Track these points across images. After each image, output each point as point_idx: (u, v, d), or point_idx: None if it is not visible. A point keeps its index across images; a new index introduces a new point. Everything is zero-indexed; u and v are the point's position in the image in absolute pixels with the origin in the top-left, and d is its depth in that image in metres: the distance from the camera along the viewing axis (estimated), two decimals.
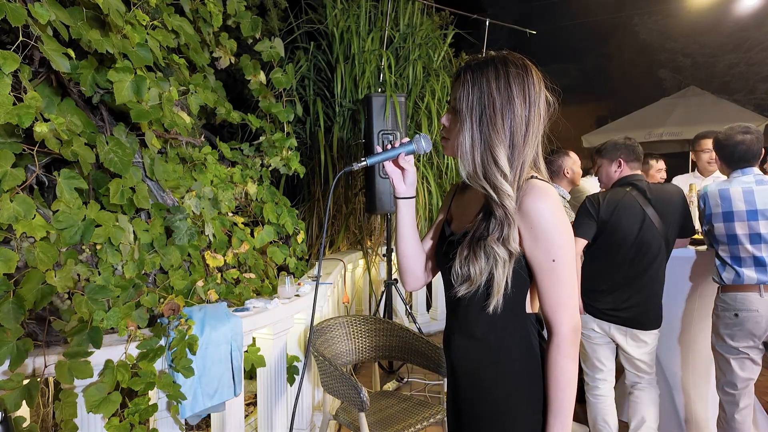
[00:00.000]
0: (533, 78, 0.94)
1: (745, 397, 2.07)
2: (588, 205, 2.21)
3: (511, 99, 0.92)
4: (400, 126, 3.13)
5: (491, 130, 0.92)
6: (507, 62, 0.93)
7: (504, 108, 0.92)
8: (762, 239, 1.98)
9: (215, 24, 2.34)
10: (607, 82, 15.76)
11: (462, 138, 0.95)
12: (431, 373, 3.20)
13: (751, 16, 10.55)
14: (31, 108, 1.34)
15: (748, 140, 2.06)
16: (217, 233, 2.11)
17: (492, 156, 0.93)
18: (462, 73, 0.96)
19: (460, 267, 0.95)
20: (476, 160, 0.95)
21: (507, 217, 0.92)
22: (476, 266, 0.93)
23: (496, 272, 0.92)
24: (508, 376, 0.98)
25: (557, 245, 0.91)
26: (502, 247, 0.92)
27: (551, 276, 0.92)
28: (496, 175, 0.92)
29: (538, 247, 0.91)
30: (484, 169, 0.94)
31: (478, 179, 0.95)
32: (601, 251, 2.19)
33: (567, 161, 2.69)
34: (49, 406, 1.70)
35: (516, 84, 0.92)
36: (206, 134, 2.60)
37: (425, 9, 4.48)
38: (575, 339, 0.93)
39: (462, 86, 0.95)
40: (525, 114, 0.92)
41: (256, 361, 1.89)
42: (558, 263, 0.91)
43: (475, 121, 0.94)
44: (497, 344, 0.99)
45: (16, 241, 1.43)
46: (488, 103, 0.92)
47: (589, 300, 2.23)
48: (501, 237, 0.92)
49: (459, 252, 0.96)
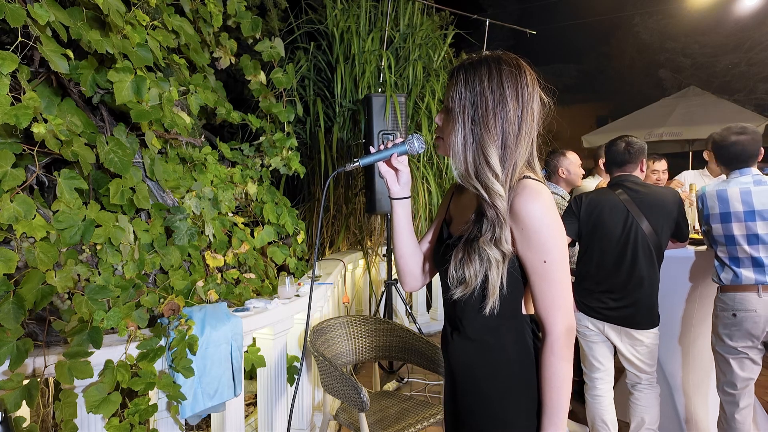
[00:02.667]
0: (527, 78, 0.93)
1: (746, 397, 2.07)
2: (572, 203, 2.27)
3: (504, 99, 0.91)
4: (400, 126, 3.13)
5: (483, 129, 0.92)
6: (500, 62, 0.93)
7: (496, 108, 0.91)
8: (759, 240, 1.97)
9: (215, 24, 2.34)
10: (607, 82, 15.76)
11: (454, 137, 0.95)
12: (431, 374, 3.21)
13: (751, 16, 10.55)
14: (29, 108, 1.35)
15: (743, 140, 2.05)
16: (217, 233, 2.11)
17: (484, 156, 0.92)
18: (455, 73, 0.95)
19: (455, 270, 0.95)
20: (468, 160, 0.94)
21: (498, 218, 0.91)
22: (471, 269, 0.93)
23: (490, 274, 0.92)
24: (505, 378, 0.98)
25: (549, 246, 0.90)
26: (495, 249, 0.91)
27: (543, 277, 0.91)
28: (488, 175, 0.92)
29: (530, 248, 0.91)
30: (476, 168, 0.94)
31: (470, 179, 0.95)
32: (590, 250, 2.21)
33: (563, 161, 2.69)
34: (49, 406, 1.70)
35: (509, 84, 0.91)
36: (206, 134, 2.60)
37: (425, 9, 4.48)
38: (569, 340, 0.92)
39: (455, 85, 0.94)
40: (518, 114, 0.92)
41: (257, 361, 1.89)
42: (550, 264, 0.90)
43: (467, 121, 0.93)
44: (494, 346, 0.99)
45: (16, 241, 1.43)
46: (480, 103, 0.92)
47: (581, 298, 2.24)
48: (493, 238, 0.91)
49: (454, 255, 0.96)
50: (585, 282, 2.24)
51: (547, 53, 13.43)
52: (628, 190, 2.15)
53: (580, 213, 2.21)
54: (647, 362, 2.18)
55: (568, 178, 2.72)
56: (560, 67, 15.63)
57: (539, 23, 7.37)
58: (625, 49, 14.77)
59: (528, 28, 4.64)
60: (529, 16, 14.61)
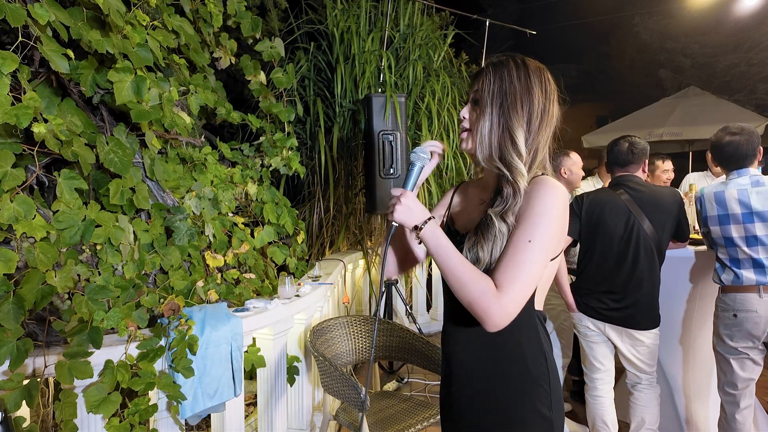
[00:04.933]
0: (549, 77, 1.02)
1: (746, 398, 2.07)
2: (573, 203, 2.26)
3: (531, 88, 0.98)
4: (400, 126, 3.13)
5: (511, 112, 0.97)
6: (526, 60, 1.01)
7: (523, 95, 0.98)
8: (758, 241, 1.97)
9: (215, 24, 2.34)
10: (607, 82, 15.75)
11: (483, 123, 1.00)
12: (431, 374, 3.20)
13: (751, 16, 10.54)
14: (30, 108, 1.34)
15: (736, 141, 2.04)
16: (217, 233, 2.11)
17: (510, 136, 0.97)
18: (484, 69, 1.02)
19: (468, 252, 0.97)
20: (493, 143, 0.99)
21: (515, 194, 0.95)
22: (484, 247, 0.95)
23: (495, 251, 0.93)
24: (517, 372, 0.98)
25: (541, 230, 0.91)
26: (502, 221, 0.94)
27: (519, 251, 0.90)
28: (513, 155, 0.97)
29: (523, 222, 0.92)
30: (500, 150, 0.98)
31: (494, 161, 0.99)
32: (591, 251, 2.21)
33: (566, 161, 2.68)
34: (49, 406, 1.70)
35: (535, 76, 0.99)
36: (206, 134, 2.60)
37: (425, 9, 4.47)
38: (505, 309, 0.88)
39: (485, 77, 1.01)
40: (543, 103, 0.99)
41: (257, 361, 1.89)
42: (532, 245, 0.90)
43: (495, 106, 0.99)
44: (504, 343, 0.99)
45: (16, 241, 1.43)
46: (509, 90, 0.98)
47: (581, 298, 2.24)
48: (503, 210, 0.94)
49: (467, 241, 0.98)
50: (585, 282, 2.23)
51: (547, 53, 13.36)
52: (629, 190, 2.15)
53: (581, 213, 2.21)
54: (647, 362, 2.18)
55: (570, 179, 2.72)
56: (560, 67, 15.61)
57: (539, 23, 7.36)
58: (625, 49, 14.76)
59: (528, 28, 4.64)
60: (529, 16, 14.61)
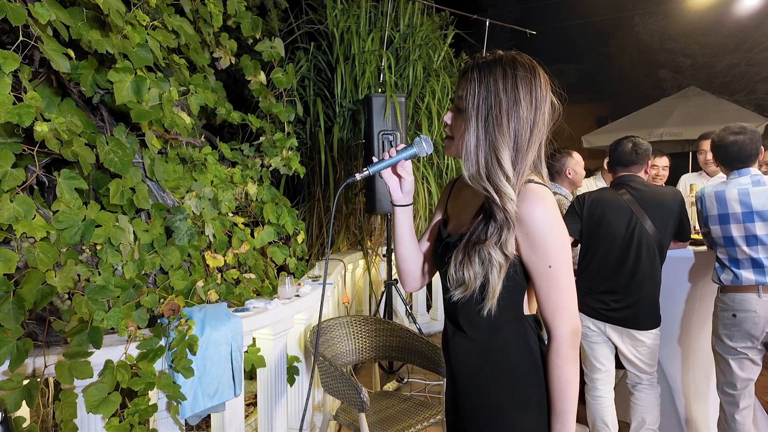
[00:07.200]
0: (540, 81, 0.92)
1: (745, 398, 2.07)
2: (574, 203, 2.26)
3: (518, 101, 0.90)
4: (400, 126, 3.13)
5: (497, 131, 0.91)
6: (515, 63, 0.91)
7: (510, 110, 0.90)
8: (758, 241, 1.97)
9: (215, 24, 2.34)
10: (607, 82, 15.76)
11: (467, 137, 0.93)
12: (431, 374, 3.20)
13: (751, 17, 10.53)
14: (31, 108, 1.35)
15: (741, 140, 2.04)
16: (217, 233, 2.11)
17: (496, 157, 0.91)
18: (469, 71, 0.93)
19: (455, 271, 0.95)
20: (480, 161, 0.93)
21: (507, 221, 0.90)
22: (471, 271, 0.92)
23: (491, 277, 0.92)
24: (507, 378, 0.98)
25: (553, 251, 0.90)
26: (500, 252, 0.91)
27: (548, 281, 0.91)
28: (500, 177, 0.90)
29: (535, 253, 0.91)
30: (488, 170, 0.92)
31: (481, 180, 0.93)
32: (593, 251, 2.20)
33: (570, 162, 2.68)
34: (49, 406, 1.70)
35: (523, 86, 0.90)
36: (206, 134, 2.60)
37: (425, 9, 4.48)
38: (574, 342, 0.92)
39: (468, 84, 0.93)
40: (530, 117, 0.91)
41: (257, 361, 1.89)
42: (554, 268, 0.90)
43: (480, 121, 0.92)
44: (495, 346, 0.99)
45: (16, 241, 1.43)
46: (494, 104, 0.90)
47: (582, 298, 2.23)
48: (499, 241, 0.91)
49: (454, 256, 0.96)
50: (586, 282, 2.23)
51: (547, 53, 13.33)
52: (631, 189, 2.15)
53: (582, 213, 2.20)
54: (648, 362, 2.18)
55: (573, 179, 2.72)
56: (560, 67, 15.61)
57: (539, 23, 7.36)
58: (625, 49, 14.76)
59: (528, 28, 4.64)
60: (529, 16, 14.61)
